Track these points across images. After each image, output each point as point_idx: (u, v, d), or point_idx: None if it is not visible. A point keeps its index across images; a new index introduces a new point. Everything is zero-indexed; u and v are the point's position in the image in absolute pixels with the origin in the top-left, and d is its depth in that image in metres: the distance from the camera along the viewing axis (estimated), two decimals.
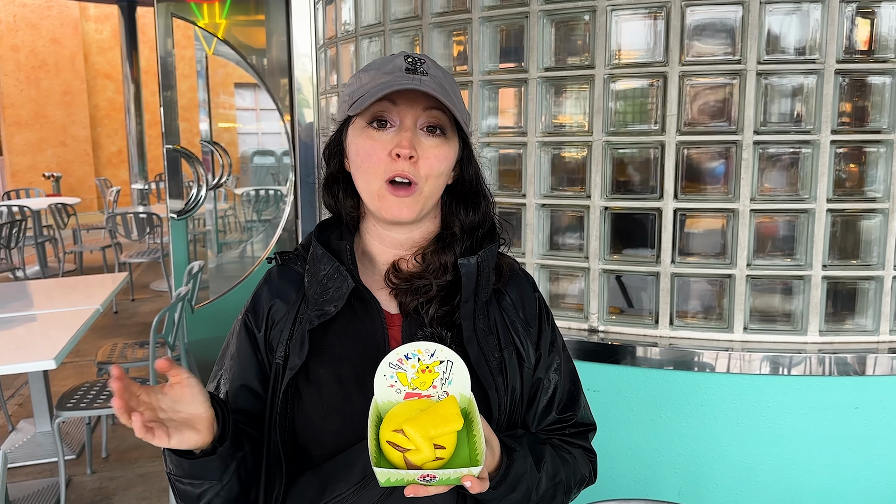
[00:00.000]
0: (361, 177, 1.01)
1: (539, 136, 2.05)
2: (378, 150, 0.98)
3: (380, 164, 0.98)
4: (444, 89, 0.98)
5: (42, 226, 7.32)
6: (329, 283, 1.01)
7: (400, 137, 0.97)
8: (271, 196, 5.49)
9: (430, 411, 0.87)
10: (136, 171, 10.53)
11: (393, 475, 0.81)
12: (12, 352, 2.61)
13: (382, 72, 0.98)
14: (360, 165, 1.00)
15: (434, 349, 0.92)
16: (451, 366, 0.92)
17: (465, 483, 0.83)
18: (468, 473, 0.82)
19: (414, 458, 0.83)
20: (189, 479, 0.93)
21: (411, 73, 0.97)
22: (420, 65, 0.99)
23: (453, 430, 0.85)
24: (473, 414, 0.90)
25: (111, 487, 3.13)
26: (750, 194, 1.88)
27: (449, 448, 0.85)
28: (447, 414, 0.86)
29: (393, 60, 1.00)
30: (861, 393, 1.87)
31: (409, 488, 0.82)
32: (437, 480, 0.82)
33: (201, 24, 4.04)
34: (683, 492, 1.99)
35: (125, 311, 6.07)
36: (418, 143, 0.98)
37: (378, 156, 0.98)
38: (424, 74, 0.98)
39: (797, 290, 1.93)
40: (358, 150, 1.00)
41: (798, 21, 1.85)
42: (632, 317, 2.05)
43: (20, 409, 4.01)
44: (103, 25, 12.66)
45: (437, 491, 0.84)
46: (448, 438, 0.85)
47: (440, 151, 0.99)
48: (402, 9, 2.29)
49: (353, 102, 0.99)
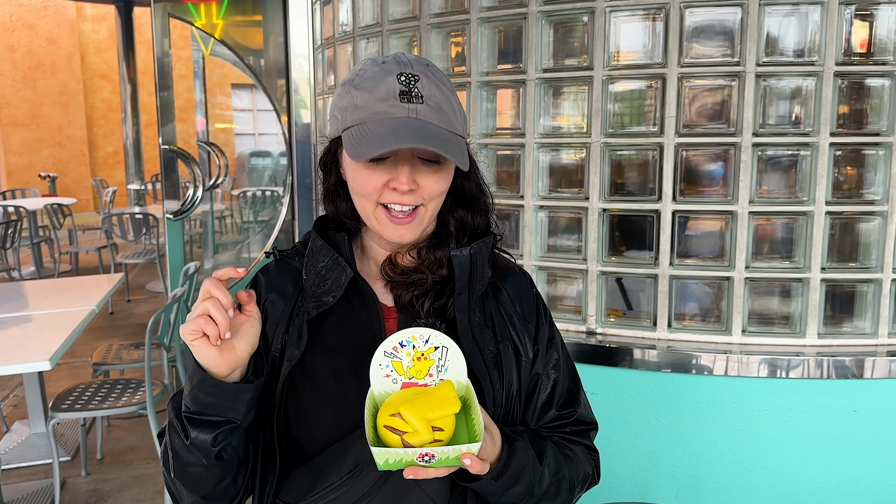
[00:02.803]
0: (358, 200, 1.00)
1: (537, 137, 2.04)
2: (375, 180, 0.96)
3: (376, 193, 0.96)
4: (441, 112, 0.95)
5: (38, 226, 7.29)
6: (327, 275, 1.01)
7: (397, 172, 0.94)
8: (268, 197, 5.48)
9: (426, 394, 0.87)
10: (133, 171, 10.51)
11: (391, 455, 0.81)
12: (7, 353, 2.59)
13: (376, 97, 0.94)
14: (356, 191, 0.99)
15: (428, 335, 0.91)
16: (446, 352, 0.92)
17: (464, 462, 0.82)
18: (467, 451, 0.82)
19: (412, 441, 0.83)
20: (212, 414, 0.91)
21: (406, 99, 0.93)
22: (414, 84, 0.94)
23: (451, 412, 0.85)
24: (471, 399, 0.90)
25: (106, 489, 3.11)
26: (749, 196, 1.88)
27: (447, 431, 0.85)
28: (444, 397, 0.86)
29: (385, 81, 0.94)
30: (859, 396, 1.87)
31: (407, 470, 0.82)
32: (435, 461, 0.82)
33: (198, 25, 4.03)
34: (681, 494, 1.99)
35: (121, 312, 6.05)
36: (416, 173, 0.95)
37: (374, 186, 0.96)
38: (419, 100, 0.94)
39: (796, 293, 1.93)
40: (354, 178, 0.99)
41: (797, 23, 1.85)
42: (630, 319, 2.04)
43: (15, 410, 3.99)
44: (100, 25, 12.64)
45: (436, 473, 0.84)
46: (446, 421, 0.85)
47: (439, 177, 0.98)
48: (399, 9, 2.29)
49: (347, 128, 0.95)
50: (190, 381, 0.91)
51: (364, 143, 0.91)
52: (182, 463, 0.94)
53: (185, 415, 0.91)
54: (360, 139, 0.93)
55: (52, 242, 7.25)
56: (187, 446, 0.92)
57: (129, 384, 3.14)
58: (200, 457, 0.92)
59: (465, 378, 0.92)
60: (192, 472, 0.95)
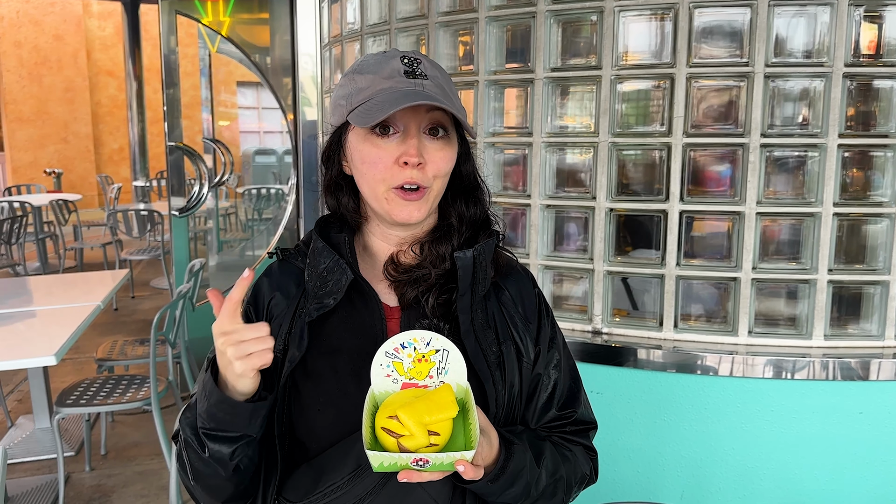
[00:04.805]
0: (366, 183, 1.01)
1: (545, 136, 2.04)
2: (384, 157, 0.98)
3: (386, 172, 0.98)
4: (443, 90, 0.98)
5: (43, 222, 7.31)
6: (329, 277, 1.02)
7: (406, 146, 0.97)
8: (272, 195, 5.49)
9: (424, 398, 0.87)
10: (138, 168, 10.53)
11: (386, 459, 0.81)
12: (12, 348, 2.60)
13: (381, 76, 0.98)
14: (364, 172, 1.00)
15: (430, 338, 0.92)
16: (447, 355, 0.92)
17: (458, 468, 0.83)
18: (462, 458, 0.82)
19: (408, 444, 0.83)
20: (228, 430, 0.92)
21: (411, 76, 0.97)
22: (417, 65, 0.99)
23: (448, 417, 0.86)
24: (469, 403, 0.90)
25: (110, 485, 3.12)
26: (756, 197, 1.88)
27: (444, 435, 0.85)
28: (442, 401, 0.87)
29: (389, 62, 0.99)
30: (865, 398, 1.86)
31: (401, 473, 0.82)
32: (430, 465, 0.82)
33: (205, 22, 4.03)
34: (686, 495, 1.99)
35: (125, 309, 6.06)
36: (423, 148, 0.98)
37: (384, 163, 0.98)
38: (424, 77, 0.98)
39: (802, 294, 1.92)
40: (363, 158, 1.00)
41: (806, 24, 1.85)
42: (636, 319, 2.04)
43: (19, 405, 4.00)
44: (106, 22, 12.67)
45: (430, 477, 0.84)
46: (443, 425, 0.85)
47: (445, 153, 1.00)
48: (407, 8, 2.28)
49: (353, 108, 0.98)
50: (206, 399, 0.92)
51: (375, 111, 0.94)
52: (201, 475, 0.97)
53: (203, 431, 0.93)
54: (368, 110, 0.95)
55: (57, 238, 7.26)
56: (206, 460, 0.94)
57: (134, 380, 3.14)
58: (220, 469, 0.95)
59: (465, 381, 0.92)
60: (212, 483, 0.98)
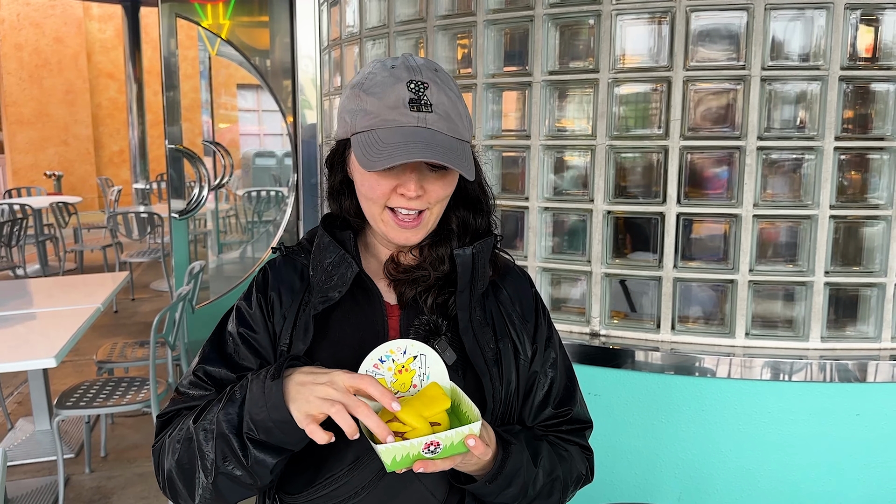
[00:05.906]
0: (365, 203, 1.03)
1: (542, 139, 2.05)
2: (383, 185, 0.98)
3: (384, 197, 0.99)
4: (449, 119, 0.97)
5: (43, 224, 7.32)
6: (334, 271, 1.03)
7: (405, 179, 0.97)
8: (272, 197, 5.49)
9: (416, 396, 0.90)
10: (138, 170, 10.53)
11: (398, 451, 0.82)
12: (12, 350, 2.60)
13: (386, 104, 0.95)
14: (364, 195, 1.02)
15: (405, 346, 0.93)
16: (424, 359, 0.93)
17: (468, 443, 0.84)
18: (469, 432, 0.84)
19: (412, 437, 0.84)
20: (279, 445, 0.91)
21: (415, 108, 0.95)
22: (423, 91, 0.96)
23: (443, 408, 0.88)
24: (458, 398, 0.92)
25: (109, 486, 3.13)
26: (753, 200, 1.88)
27: (444, 425, 0.88)
28: (434, 395, 0.89)
29: (395, 88, 0.96)
30: (862, 400, 1.87)
31: (416, 464, 0.83)
32: (441, 449, 0.84)
33: (205, 25, 4.05)
34: (684, 496, 1.99)
35: (125, 311, 6.06)
36: (423, 178, 0.98)
37: (382, 191, 0.98)
38: (428, 108, 0.95)
39: (799, 297, 1.93)
40: (362, 182, 1.01)
41: (802, 27, 1.86)
42: (633, 321, 2.05)
43: (19, 407, 4.01)
44: (107, 25, 12.68)
45: (444, 465, 0.86)
46: (441, 417, 0.88)
47: (445, 181, 1.00)
48: (406, 11, 2.29)
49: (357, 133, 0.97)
50: (264, 411, 0.89)
51: (375, 153, 0.93)
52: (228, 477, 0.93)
53: (248, 436, 0.90)
54: (370, 147, 0.94)
55: (58, 240, 7.27)
56: (248, 468, 0.91)
57: (134, 382, 3.15)
58: (256, 478, 0.92)
59: (448, 381, 0.94)
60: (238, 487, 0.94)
